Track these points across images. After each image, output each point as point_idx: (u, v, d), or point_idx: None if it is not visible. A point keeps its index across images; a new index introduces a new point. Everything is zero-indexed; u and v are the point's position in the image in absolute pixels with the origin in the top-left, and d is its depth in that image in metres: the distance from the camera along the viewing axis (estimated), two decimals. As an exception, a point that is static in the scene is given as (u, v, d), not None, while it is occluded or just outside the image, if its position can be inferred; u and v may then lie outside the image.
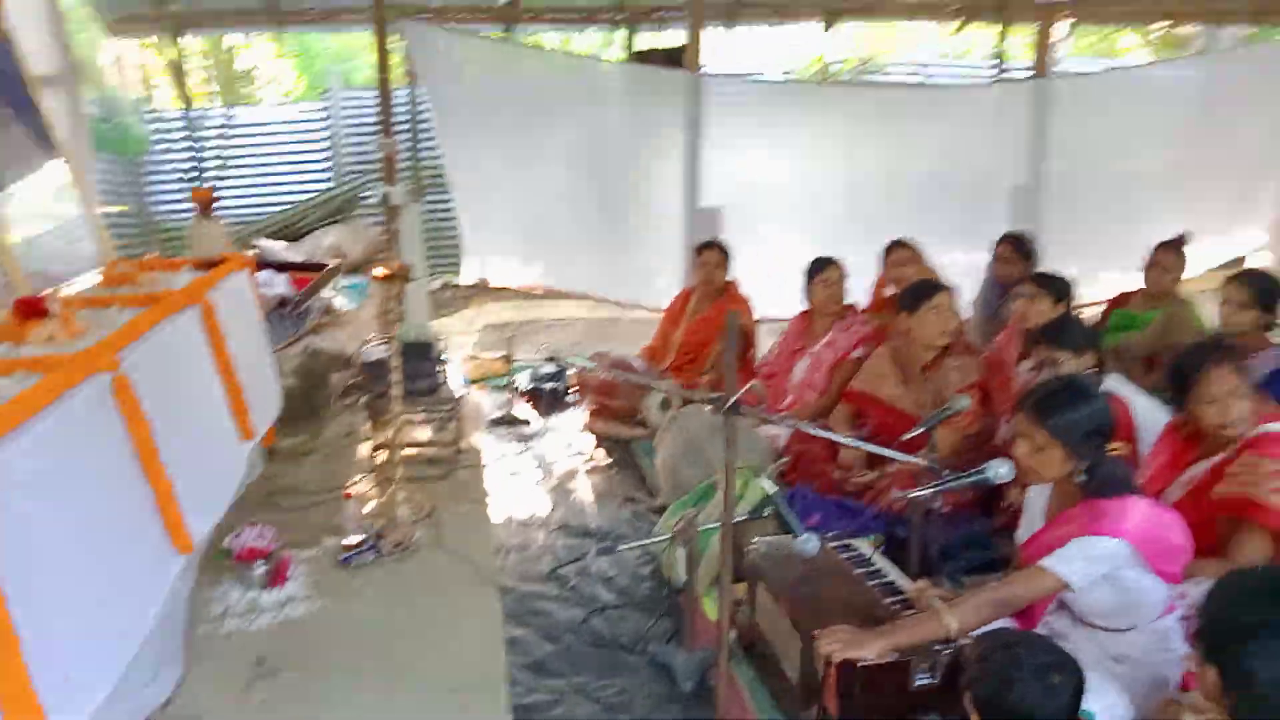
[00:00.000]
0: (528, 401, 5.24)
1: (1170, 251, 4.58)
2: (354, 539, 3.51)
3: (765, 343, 4.88)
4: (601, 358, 4.91)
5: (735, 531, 2.25)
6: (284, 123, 8.61)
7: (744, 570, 2.84)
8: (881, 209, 5.82)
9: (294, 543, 3.52)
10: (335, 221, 7.93)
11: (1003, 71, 7.77)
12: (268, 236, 7.48)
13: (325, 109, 8.33)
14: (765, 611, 2.64)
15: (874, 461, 3.68)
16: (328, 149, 8.27)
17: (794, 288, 4.46)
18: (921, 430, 3.11)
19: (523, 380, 5.36)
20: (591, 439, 4.70)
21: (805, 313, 4.45)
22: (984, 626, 2.21)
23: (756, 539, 2.83)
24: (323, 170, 8.28)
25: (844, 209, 5.98)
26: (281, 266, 5.75)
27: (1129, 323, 4.51)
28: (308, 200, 8.04)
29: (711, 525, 2.97)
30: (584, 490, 4.14)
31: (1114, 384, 3.27)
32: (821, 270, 4.35)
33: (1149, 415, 3.15)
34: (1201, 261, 6.09)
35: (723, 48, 8.19)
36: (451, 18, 6.66)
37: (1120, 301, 4.80)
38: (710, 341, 4.90)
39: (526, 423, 5.01)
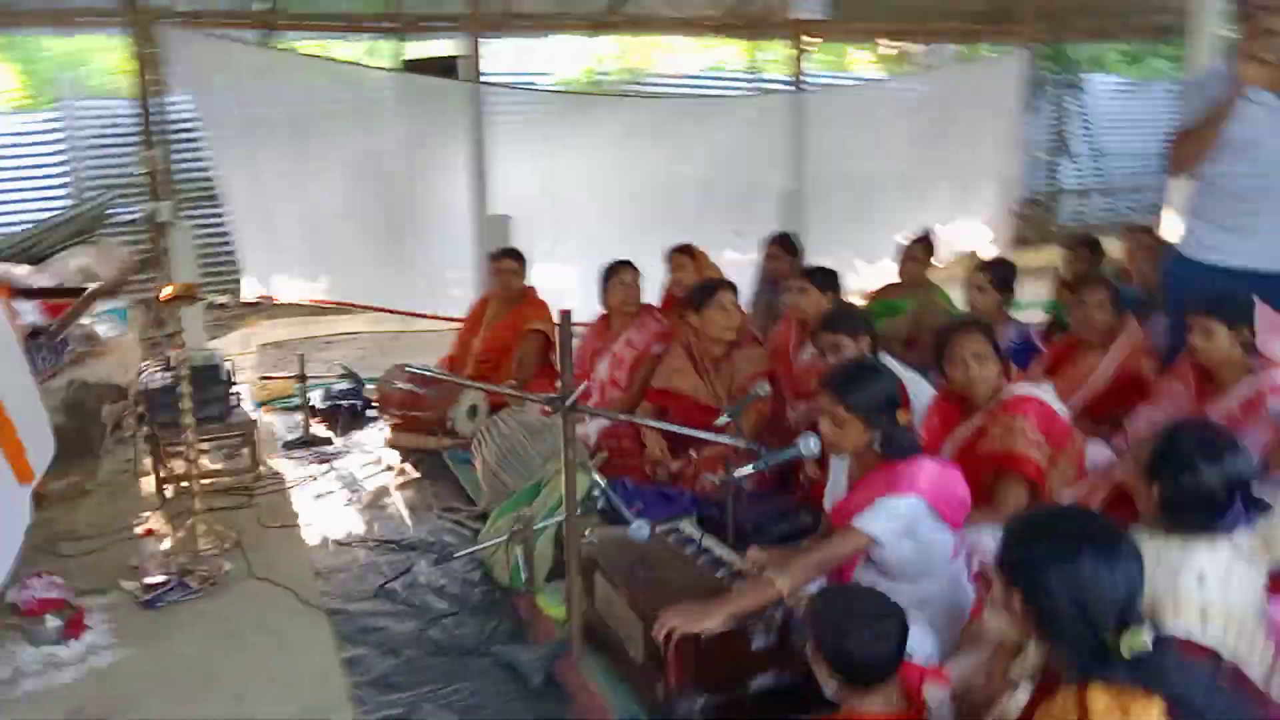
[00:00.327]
0: (323, 421, 5.08)
1: (919, 245, 5.17)
2: (156, 579, 3.30)
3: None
4: (401, 371, 4.86)
5: (566, 526, 2.36)
6: (9, 134, 7.77)
7: (580, 562, 2.95)
8: (661, 214, 6.13)
9: (86, 590, 3.26)
10: (80, 242, 7.26)
11: (760, 84, 8.35)
12: (1, 260, 6.73)
13: (58, 119, 7.60)
14: (605, 600, 2.76)
15: (676, 451, 3.91)
16: (64, 163, 7.55)
17: (589, 292, 4.62)
18: (727, 419, 3.37)
19: (317, 399, 5.19)
20: (396, 454, 4.64)
21: (603, 315, 4.63)
22: (809, 585, 2.46)
23: (588, 531, 2.96)
24: (59, 186, 7.54)
25: (627, 215, 6.24)
26: (29, 293, 5.22)
27: (889, 309, 5.02)
28: (45, 220, 7.30)
29: (544, 524, 3.08)
30: (398, 505, 4.09)
31: (885, 362, 3.67)
32: (616, 273, 4.54)
33: (914, 388, 3.56)
34: (945, 252, 6.85)
35: (496, 56, 8.24)
36: (208, 22, 6.30)
37: (880, 292, 5.36)
38: (510, 348, 4.98)
39: (327, 442, 4.86)
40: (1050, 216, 9.56)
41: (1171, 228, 4.16)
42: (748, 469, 2.65)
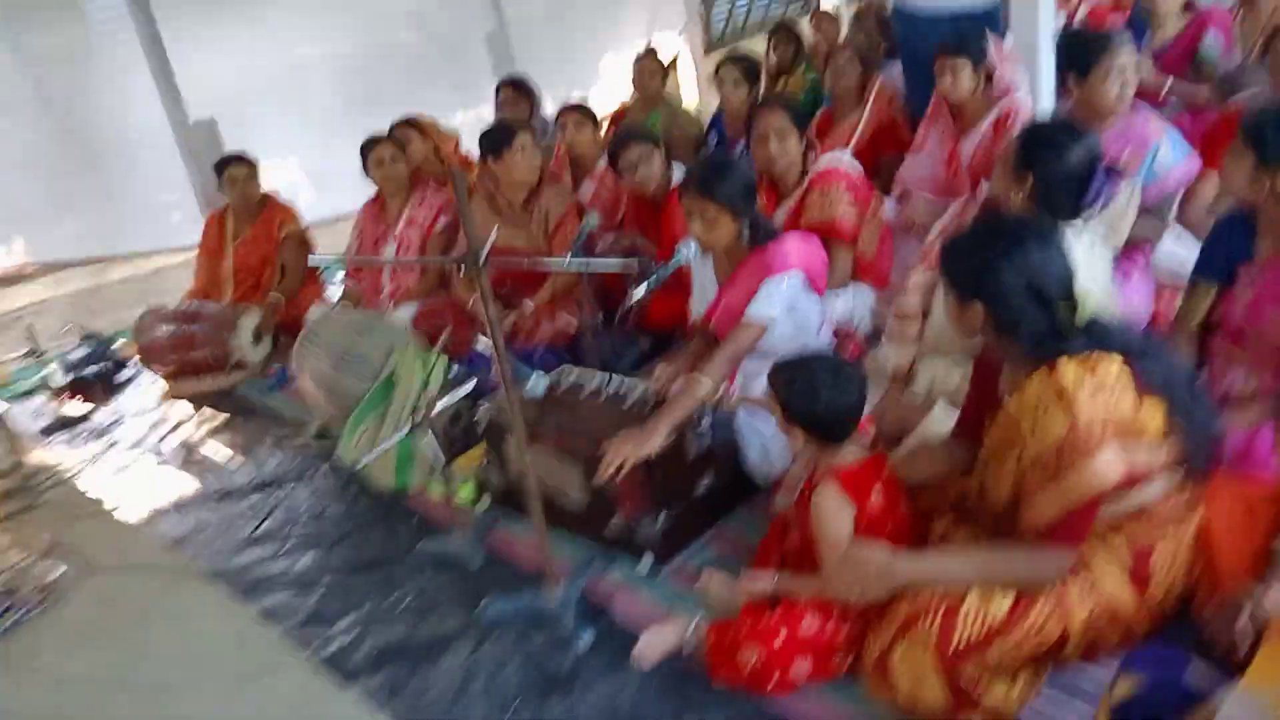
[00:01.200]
0: (75, 395, 4.44)
1: (650, 59, 5.21)
2: (-21, 607, 2.84)
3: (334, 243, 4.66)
4: (159, 316, 4.31)
5: (505, 390, 2.27)
6: None
7: (480, 435, 2.88)
8: (379, 87, 5.70)
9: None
10: None
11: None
12: None
13: None
14: (523, 460, 2.71)
15: (509, 304, 3.81)
16: None
17: (325, 184, 4.29)
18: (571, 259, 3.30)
19: (56, 376, 4.50)
20: (185, 404, 4.18)
21: (375, 198, 4.31)
22: (725, 380, 2.57)
23: (483, 404, 2.86)
24: None
25: (346, 95, 5.74)
26: None
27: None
28: None
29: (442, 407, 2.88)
30: (215, 453, 3.73)
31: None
32: (371, 150, 4.21)
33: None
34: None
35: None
36: None
37: (620, 114, 5.39)
38: (268, 260, 4.57)
39: (85, 418, 4.27)
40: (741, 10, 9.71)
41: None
42: (641, 290, 2.65)
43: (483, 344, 3.08)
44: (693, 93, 7.29)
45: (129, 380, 4.53)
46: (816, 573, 2.05)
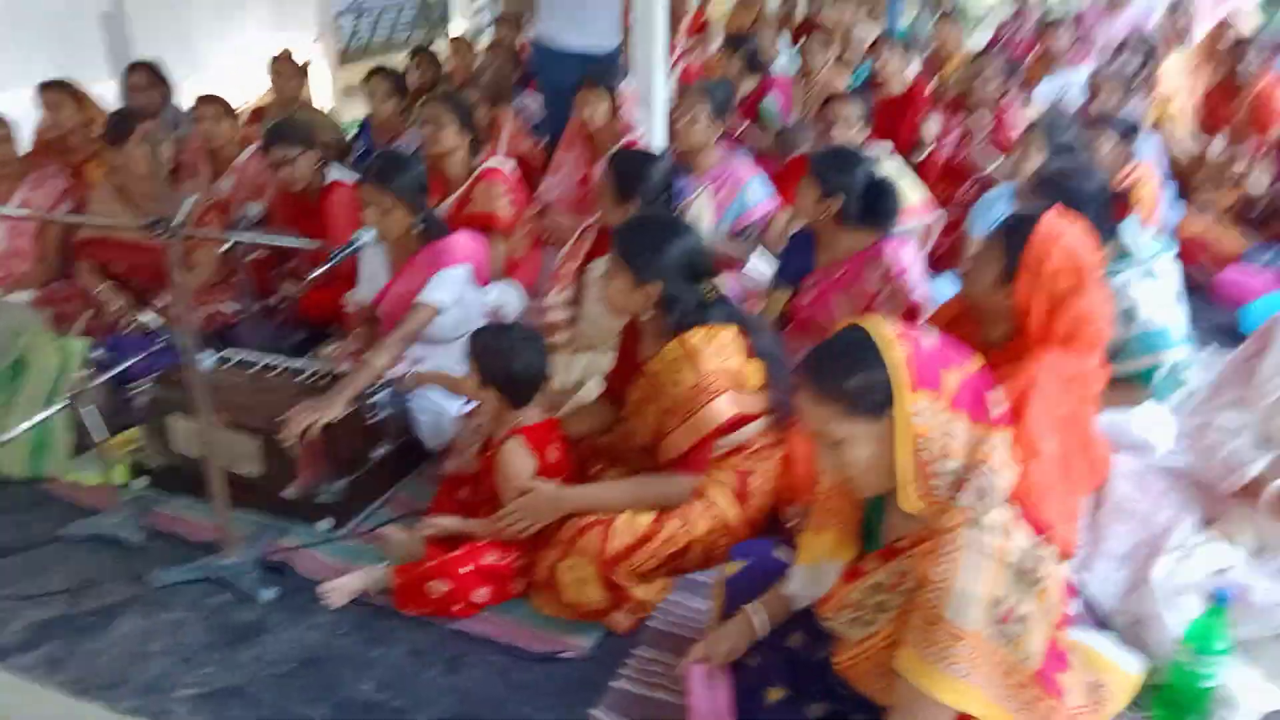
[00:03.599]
0: None
1: (286, 63, 5.24)
2: None
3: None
4: None
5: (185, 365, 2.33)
6: None
7: (139, 416, 2.83)
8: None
9: None
10: None
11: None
12: None
13: None
14: (189, 435, 2.72)
15: (144, 296, 3.69)
16: None
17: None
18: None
19: None
20: None
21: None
22: (398, 359, 2.82)
23: (136, 385, 2.81)
24: None
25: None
26: None
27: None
28: None
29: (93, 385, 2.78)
30: None
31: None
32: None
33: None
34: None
35: None
36: None
37: (258, 116, 5.35)
38: None
39: None
40: (367, 26, 9.70)
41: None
42: (321, 270, 2.77)
43: (150, 318, 3.01)
44: (326, 99, 7.30)
45: None
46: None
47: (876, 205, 2.89)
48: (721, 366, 2.25)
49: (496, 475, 2.40)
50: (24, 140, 4.29)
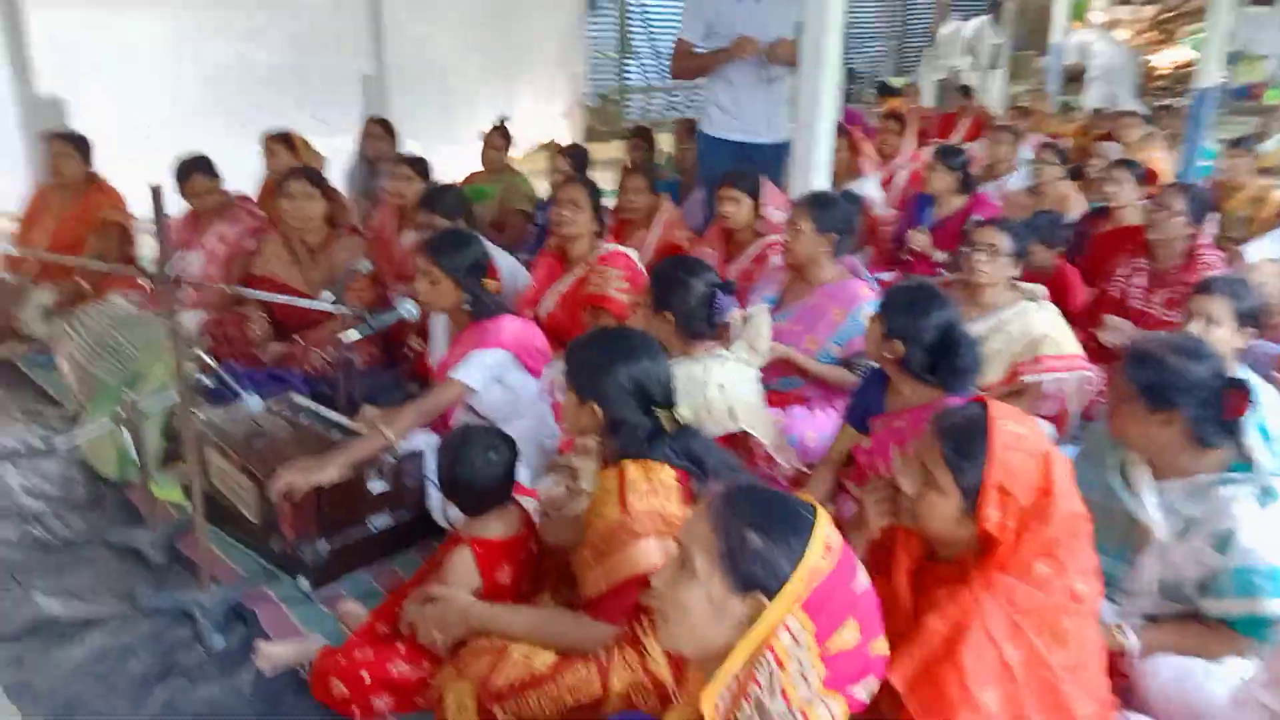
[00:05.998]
0: None
1: (498, 133, 5.57)
2: None
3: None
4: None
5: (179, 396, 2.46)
6: None
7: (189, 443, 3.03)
8: (241, 100, 5.88)
9: None
10: None
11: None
12: None
13: None
14: (220, 472, 2.89)
15: (280, 335, 4.01)
16: None
17: (163, 182, 4.41)
18: (332, 300, 3.54)
19: None
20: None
21: (191, 214, 4.47)
22: (416, 431, 2.82)
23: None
24: None
25: (202, 101, 5.91)
26: None
27: (476, 195, 5.39)
28: None
29: (151, 408, 3.05)
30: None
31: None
32: (187, 179, 4.37)
33: (501, 261, 4.01)
34: (525, 142, 7.32)
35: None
36: None
37: (466, 180, 5.70)
38: (82, 241, 4.65)
39: None
40: (618, 111, 10.40)
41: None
42: (354, 333, 2.87)
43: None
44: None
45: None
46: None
47: (944, 362, 2.51)
48: (653, 508, 2.01)
49: (442, 574, 2.30)
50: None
